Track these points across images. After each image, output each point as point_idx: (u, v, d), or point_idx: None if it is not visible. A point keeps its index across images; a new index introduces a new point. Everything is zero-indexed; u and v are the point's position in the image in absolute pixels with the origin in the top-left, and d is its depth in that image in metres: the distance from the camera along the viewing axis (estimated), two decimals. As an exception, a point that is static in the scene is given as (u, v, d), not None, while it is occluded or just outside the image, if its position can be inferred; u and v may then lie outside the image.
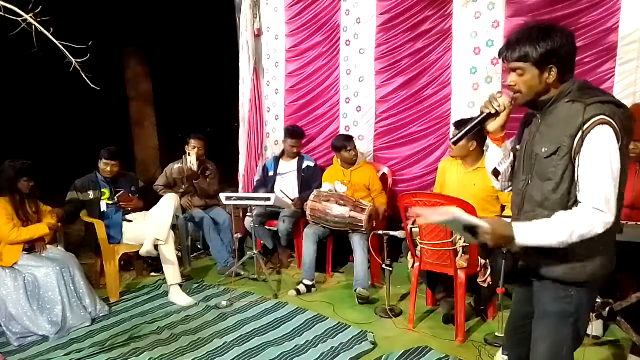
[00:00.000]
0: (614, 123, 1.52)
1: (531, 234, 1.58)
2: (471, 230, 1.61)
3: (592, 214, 1.52)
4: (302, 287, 3.80)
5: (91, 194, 3.96)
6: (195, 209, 4.55)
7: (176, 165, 4.54)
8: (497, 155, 1.86)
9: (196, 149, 4.49)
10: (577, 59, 3.16)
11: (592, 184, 1.53)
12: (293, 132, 4.51)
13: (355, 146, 4.14)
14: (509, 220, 1.71)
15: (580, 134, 1.54)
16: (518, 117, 1.92)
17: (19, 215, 3.40)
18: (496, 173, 1.90)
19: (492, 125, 1.79)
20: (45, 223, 3.48)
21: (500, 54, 1.72)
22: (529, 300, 1.82)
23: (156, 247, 3.77)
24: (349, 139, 4.14)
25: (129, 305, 3.75)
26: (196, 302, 3.70)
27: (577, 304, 1.66)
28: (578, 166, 1.55)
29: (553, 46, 1.57)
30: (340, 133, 4.50)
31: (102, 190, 4.00)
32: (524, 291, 1.87)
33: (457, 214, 1.62)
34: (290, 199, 4.26)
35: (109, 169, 3.99)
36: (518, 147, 1.84)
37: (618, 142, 1.53)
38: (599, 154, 1.52)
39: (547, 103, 1.67)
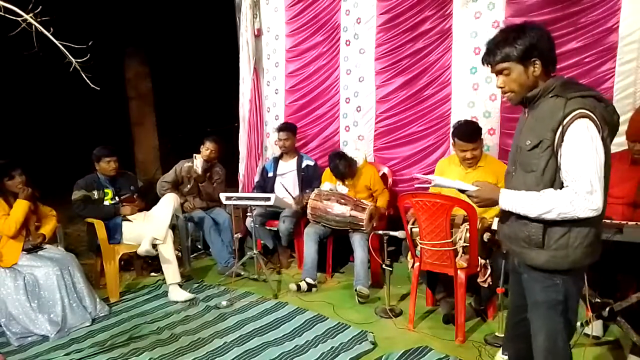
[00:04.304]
0: (593, 116, 1.59)
1: (514, 200, 1.71)
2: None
3: (575, 197, 1.59)
4: (303, 284, 3.79)
5: (96, 194, 3.95)
6: (195, 209, 4.55)
7: (186, 164, 4.54)
8: None
9: (209, 151, 4.50)
10: (577, 59, 3.17)
11: (577, 171, 1.60)
12: (280, 126, 4.56)
13: (351, 164, 3.97)
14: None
15: (561, 127, 1.61)
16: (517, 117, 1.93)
17: None
18: None
19: None
20: (19, 199, 3.35)
21: (483, 61, 1.79)
22: (522, 292, 1.87)
23: (155, 246, 3.77)
24: (347, 165, 3.92)
25: (129, 305, 3.75)
26: (195, 297, 3.71)
27: (565, 292, 1.73)
28: (561, 157, 1.63)
29: (531, 41, 1.66)
30: (337, 151, 4.12)
31: (105, 190, 4.00)
32: (517, 283, 1.93)
33: (437, 181, 1.95)
34: (292, 196, 4.26)
35: (112, 165, 3.98)
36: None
37: (599, 133, 1.60)
38: (582, 143, 1.59)
39: (533, 98, 1.74)
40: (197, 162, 4.43)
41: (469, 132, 3.15)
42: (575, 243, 1.66)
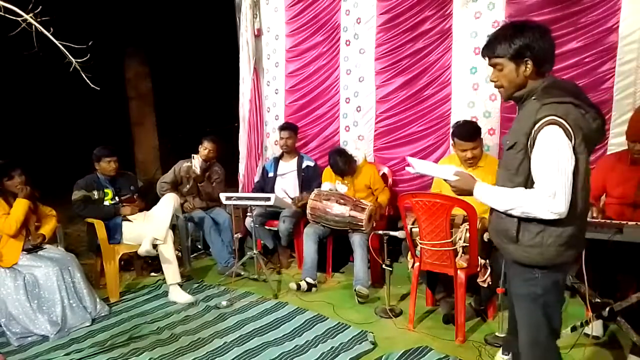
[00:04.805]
0: (564, 123, 1.64)
1: (485, 193, 1.83)
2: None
3: (539, 198, 1.66)
4: (303, 284, 3.79)
5: (96, 194, 3.95)
6: (195, 209, 4.56)
7: (185, 164, 4.55)
8: None
9: (207, 151, 4.50)
10: (577, 59, 3.16)
11: (542, 177, 1.67)
12: (282, 125, 4.60)
13: (350, 160, 3.98)
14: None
15: (532, 133, 1.67)
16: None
17: None
18: None
19: None
20: (19, 198, 3.35)
21: (482, 54, 1.86)
22: None
23: (155, 246, 3.77)
24: (346, 161, 3.94)
25: (129, 305, 3.75)
26: (196, 300, 3.71)
27: (543, 286, 1.79)
28: (532, 160, 1.70)
29: (525, 41, 1.71)
30: (338, 148, 4.16)
31: (106, 190, 4.00)
32: (508, 276, 2.00)
33: (418, 168, 2.05)
34: (291, 198, 4.26)
35: (112, 165, 3.98)
36: None
37: (570, 140, 1.64)
38: (548, 149, 1.65)
39: (520, 98, 1.80)
40: (196, 162, 4.44)
41: (468, 131, 3.16)
42: (549, 242, 1.72)
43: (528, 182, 1.73)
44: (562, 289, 1.90)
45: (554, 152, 1.64)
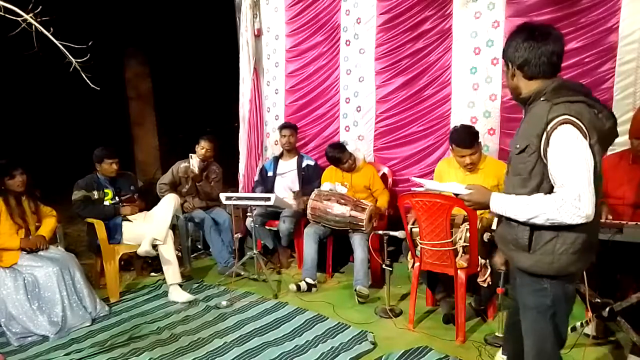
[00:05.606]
0: (578, 122, 1.58)
1: (504, 204, 1.73)
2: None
3: (562, 203, 1.57)
4: (303, 284, 3.79)
5: (96, 194, 3.95)
6: (195, 209, 4.56)
7: (183, 164, 4.57)
8: None
9: (204, 150, 4.51)
10: (577, 59, 3.17)
11: (563, 178, 1.59)
12: (282, 125, 4.63)
13: (351, 154, 4.04)
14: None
15: (545, 134, 1.62)
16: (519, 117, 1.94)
17: (13, 217, 3.39)
18: None
19: None
20: (18, 238, 3.38)
21: None
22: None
23: (155, 247, 3.77)
24: (342, 149, 4.03)
25: (129, 305, 3.75)
26: (196, 298, 3.72)
27: (553, 297, 1.72)
28: (548, 163, 1.63)
29: (506, 46, 1.78)
30: (333, 142, 4.34)
31: (105, 190, 4.00)
32: (514, 284, 1.95)
33: (429, 185, 2.07)
34: (293, 192, 4.26)
35: (114, 167, 3.99)
36: None
37: (586, 139, 1.58)
38: (567, 150, 1.58)
39: (527, 100, 1.77)
40: (194, 162, 4.44)
41: (465, 137, 3.13)
42: (561, 249, 1.65)
43: (542, 186, 1.66)
44: (572, 300, 1.81)
45: (572, 153, 1.56)
